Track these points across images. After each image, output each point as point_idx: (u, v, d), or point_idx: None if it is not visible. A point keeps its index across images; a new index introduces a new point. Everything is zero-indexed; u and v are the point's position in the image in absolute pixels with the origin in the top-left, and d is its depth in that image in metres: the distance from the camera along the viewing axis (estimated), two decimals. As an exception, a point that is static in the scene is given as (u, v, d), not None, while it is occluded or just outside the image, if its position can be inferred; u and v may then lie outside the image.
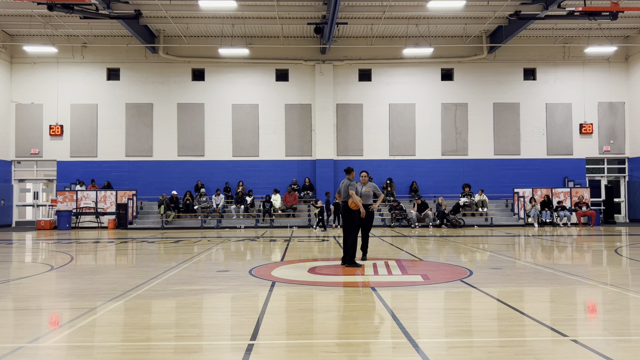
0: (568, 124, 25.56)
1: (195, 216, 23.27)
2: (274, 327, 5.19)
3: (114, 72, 25.40)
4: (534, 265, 9.69)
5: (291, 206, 23.69)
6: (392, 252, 12.34)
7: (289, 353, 4.35)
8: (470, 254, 11.96)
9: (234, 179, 24.99)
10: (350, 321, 5.38)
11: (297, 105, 25.29)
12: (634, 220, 25.32)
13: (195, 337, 4.86)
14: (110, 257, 11.97)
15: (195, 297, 6.78)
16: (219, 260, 11.06)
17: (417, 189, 24.62)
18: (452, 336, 4.85)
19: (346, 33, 24.42)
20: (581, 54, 25.20)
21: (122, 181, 24.83)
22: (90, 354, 4.33)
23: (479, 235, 17.91)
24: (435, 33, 23.91)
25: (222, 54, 24.29)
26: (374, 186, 10.31)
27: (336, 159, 24.90)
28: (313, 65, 25.15)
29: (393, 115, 25.33)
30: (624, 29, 24.47)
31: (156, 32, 24.48)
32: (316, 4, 20.99)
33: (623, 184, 26.12)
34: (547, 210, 23.01)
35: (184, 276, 8.56)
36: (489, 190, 24.55)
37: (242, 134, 25.19)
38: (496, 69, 25.51)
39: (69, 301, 6.56)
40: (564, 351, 4.33)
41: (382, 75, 25.43)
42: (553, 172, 25.32)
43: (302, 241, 15.64)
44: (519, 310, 5.80)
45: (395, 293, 6.95)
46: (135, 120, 25.12)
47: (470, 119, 25.39)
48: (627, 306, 6.18)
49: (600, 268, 9.87)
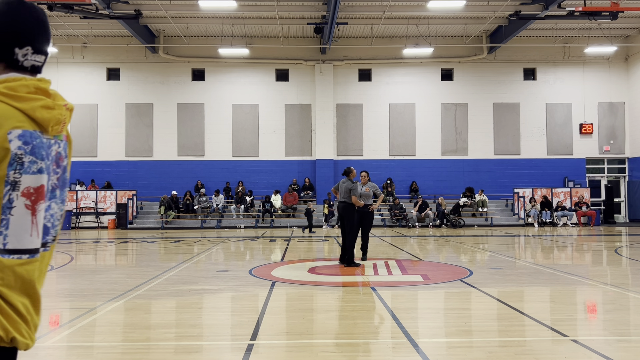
0: (568, 124, 25.56)
1: (195, 216, 23.27)
2: (274, 327, 5.19)
3: (114, 72, 25.40)
4: (534, 265, 9.69)
5: (291, 206, 23.69)
6: (392, 252, 12.34)
7: (289, 353, 4.36)
8: (470, 254, 11.96)
9: (234, 179, 24.99)
10: (350, 321, 5.38)
11: (297, 105, 25.29)
12: (634, 220, 25.31)
13: (195, 337, 4.86)
14: (110, 257, 11.97)
15: (195, 297, 6.78)
16: (219, 260, 11.06)
17: (417, 189, 24.61)
18: (452, 336, 4.85)
19: (346, 33, 24.42)
20: (581, 54, 25.20)
21: (122, 181, 24.83)
22: (90, 354, 4.33)
23: (479, 235, 17.91)
24: (435, 33, 23.91)
25: (222, 54, 24.29)
26: (374, 186, 10.30)
27: (336, 159, 24.90)
28: (313, 65, 25.15)
29: (393, 115, 25.32)
30: (624, 29, 24.47)
31: (156, 32, 24.48)
32: (316, 4, 20.99)
33: (623, 184, 26.11)
34: (547, 210, 23.01)
35: (184, 276, 8.56)
36: (489, 190, 24.54)
37: (242, 134, 25.19)
38: (496, 69, 25.51)
39: (69, 301, 6.56)
40: (564, 351, 4.33)
41: (382, 75, 25.43)
42: (553, 172, 25.32)
43: (302, 241, 15.64)
44: (519, 310, 5.80)
45: (395, 293, 6.96)
46: (135, 120, 25.12)
47: (470, 119, 25.38)
48: (627, 306, 6.18)
49: (600, 268, 9.87)
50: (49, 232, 1.60)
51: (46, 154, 1.54)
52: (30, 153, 1.48)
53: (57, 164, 1.62)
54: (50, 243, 1.62)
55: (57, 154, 1.61)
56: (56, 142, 1.61)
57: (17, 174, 1.45)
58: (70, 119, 1.65)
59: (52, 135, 1.58)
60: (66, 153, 1.68)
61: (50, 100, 1.54)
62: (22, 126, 1.47)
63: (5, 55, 1.53)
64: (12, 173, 1.45)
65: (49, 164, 1.56)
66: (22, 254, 1.48)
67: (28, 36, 1.56)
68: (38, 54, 1.59)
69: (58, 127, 1.58)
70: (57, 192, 1.63)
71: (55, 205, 1.63)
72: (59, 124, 1.58)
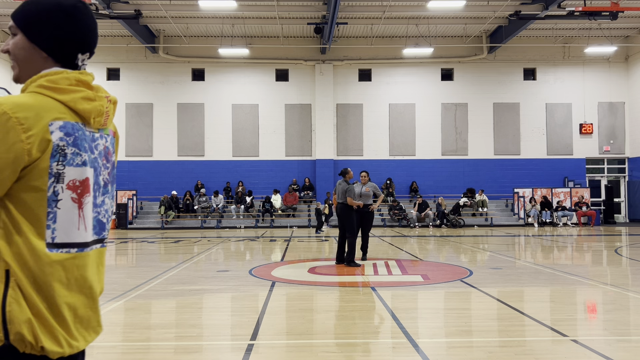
0: (568, 124, 25.56)
1: (195, 216, 23.27)
2: (274, 327, 5.19)
3: (114, 72, 25.39)
4: (534, 265, 9.69)
5: (291, 206, 23.69)
6: (392, 252, 12.34)
7: (289, 353, 4.36)
8: (470, 254, 11.96)
9: (234, 179, 24.99)
10: (350, 321, 5.39)
11: (297, 105, 25.29)
12: (634, 220, 25.31)
13: (195, 337, 4.86)
14: (110, 257, 11.97)
15: (195, 297, 6.78)
16: (218, 260, 11.06)
17: (417, 189, 24.61)
18: (452, 336, 4.85)
19: (346, 33, 24.42)
20: (581, 54, 25.19)
21: (122, 181, 24.82)
22: (90, 354, 4.33)
23: (479, 235, 17.91)
24: (435, 33, 23.90)
25: (222, 54, 24.28)
26: (374, 186, 10.29)
27: (336, 159, 24.89)
28: (313, 65, 25.15)
29: (393, 115, 25.32)
30: (624, 29, 24.46)
31: (156, 32, 24.48)
32: (316, 4, 20.99)
33: (623, 184, 26.11)
34: (547, 210, 23.01)
35: (184, 276, 8.56)
36: (489, 190, 24.54)
37: (242, 134, 25.18)
38: (496, 69, 25.51)
39: (69, 301, 6.54)
40: (564, 351, 4.33)
41: (382, 75, 25.42)
42: (553, 172, 25.32)
43: (302, 241, 15.64)
44: (519, 310, 5.80)
45: (395, 293, 6.95)
46: (135, 120, 25.12)
47: (470, 119, 25.38)
48: (627, 306, 6.18)
49: (600, 268, 9.87)
50: (105, 228, 1.61)
51: (89, 146, 1.53)
52: (73, 145, 1.46)
53: (106, 159, 1.62)
54: (106, 239, 1.63)
55: (105, 149, 1.61)
56: (102, 137, 1.60)
57: (60, 166, 1.44)
58: (115, 112, 1.65)
59: (97, 129, 1.57)
60: (114, 148, 1.68)
61: (92, 92, 1.53)
62: (64, 118, 1.46)
63: (68, 61, 1.55)
64: (55, 165, 1.43)
65: (94, 157, 1.55)
66: (71, 247, 1.47)
67: (91, 43, 1.60)
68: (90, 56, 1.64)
69: (101, 119, 1.56)
70: (109, 187, 1.64)
71: (109, 200, 1.64)
72: (101, 115, 1.56)
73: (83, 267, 1.50)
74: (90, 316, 1.53)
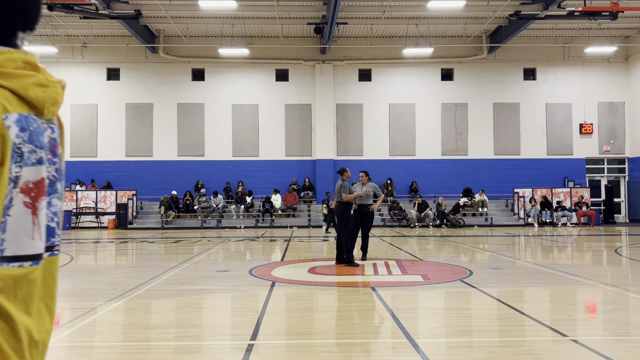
0: (568, 124, 25.56)
1: (195, 216, 23.26)
2: (274, 327, 5.19)
3: (114, 72, 25.39)
4: (534, 265, 9.69)
5: (291, 206, 23.69)
6: (392, 252, 12.34)
7: (289, 353, 4.36)
8: (470, 254, 11.96)
9: (234, 179, 24.99)
10: (350, 321, 5.38)
11: (297, 105, 25.29)
12: (634, 220, 25.31)
13: (195, 337, 4.86)
14: (110, 257, 11.97)
15: (195, 297, 6.78)
16: (218, 260, 11.06)
17: (417, 189, 24.61)
18: (452, 336, 4.85)
19: (346, 33, 24.42)
20: (581, 54, 25.19)
21: (122, 181, 24.83)
22: (90, 354, 4.33)
23: (479, 235, 17.91)
24: (435, 33, 23.90)
25: (222, 54, 24.28)
26: (374, 186, 10.28)
27: (336, 159, 24.89)
28: (313, 65, 25.15)
29: (393, 115, 25.32)
30: (624, 29, 24.47)
31: (156, 32, 24.48)
32: (316, 4, 20.99)
33: (623, 184, 26.11)
34: (547, 210, 23.01)
35: (184, 276, 8.56)
36: (489, 190, 24.54)
37: (242, 134, 25.18)
38: (496, 69, 25.51)
39: (69, 301, 6.56)
40: (564, 351, 4.33)
41: (382, 75, 25.42)
42: (553, 172, 25.32)
43: (302, 241, 15.64)
44: (519, 310, 5.80)
45: (395, 293, 6.95)
46: (135, 120, 25.11)
47: (470, 119, 25.38)
48: (627, 306, 6.18)
49: (600, 268, 9.87)
50: (54, 234, 1.32)
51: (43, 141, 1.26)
52: (29, 141, 1.20)
53: (52, 153, 1.31)
54: (57, 246, 1.34)
55: (51, 141, 1.30)
56: (49, 127, 1.30)
57: (17, 168, 1.17)
58: (63, 97, 1.35)
59: (46, 119, 1.29)
60: (59, 139, 1.36)
61: (43, 77, 1.25)
62: (15, 109, 1.18)
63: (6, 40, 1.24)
64: (14, 167, 1.17)
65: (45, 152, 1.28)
66: (23, 261, 1.21)
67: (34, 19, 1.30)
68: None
69: (55, 109, 1.30)
70: (57, 185, 1.34)
71: (58, 201, 1.34)
72: (56, 104, 1.29)
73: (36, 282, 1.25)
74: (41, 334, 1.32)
